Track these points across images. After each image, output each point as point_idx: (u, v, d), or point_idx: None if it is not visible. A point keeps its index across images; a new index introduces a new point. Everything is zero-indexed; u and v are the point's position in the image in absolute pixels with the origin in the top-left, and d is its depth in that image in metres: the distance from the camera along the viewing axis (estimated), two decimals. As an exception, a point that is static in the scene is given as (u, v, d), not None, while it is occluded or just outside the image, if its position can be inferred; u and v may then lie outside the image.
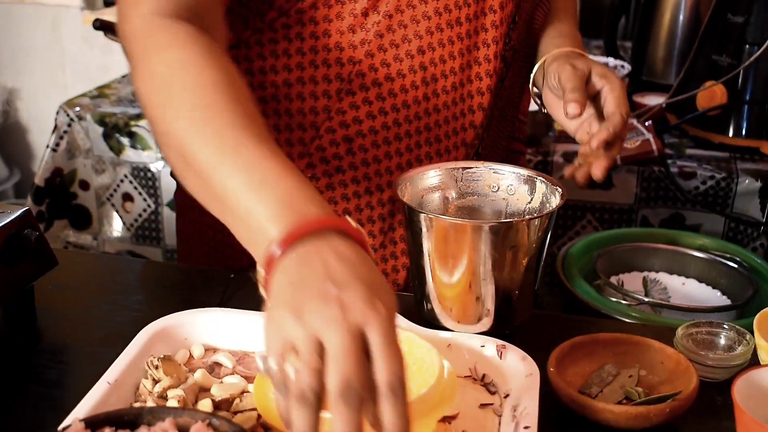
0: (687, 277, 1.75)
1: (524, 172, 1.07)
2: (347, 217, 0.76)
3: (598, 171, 1.13)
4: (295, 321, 0.67)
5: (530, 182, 1.06)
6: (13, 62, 3.31)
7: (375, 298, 0.68)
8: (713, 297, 1.70)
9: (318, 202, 0.75)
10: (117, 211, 2.30)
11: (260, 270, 0.74)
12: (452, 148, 1.24)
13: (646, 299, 1.60)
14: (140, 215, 2.28)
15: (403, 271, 1.26)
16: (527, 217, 1.04)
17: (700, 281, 1.74)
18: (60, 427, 0.75)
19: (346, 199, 1.22)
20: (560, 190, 1.02)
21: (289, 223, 0.72)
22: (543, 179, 1.05)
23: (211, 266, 1.31)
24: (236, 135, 0.80)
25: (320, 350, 0.66)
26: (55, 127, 2.28)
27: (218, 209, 0.80)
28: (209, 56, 0.88)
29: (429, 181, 1.07)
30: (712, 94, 2.02)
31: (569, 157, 2.01)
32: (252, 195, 0.76)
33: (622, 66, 2.43)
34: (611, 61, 2.48)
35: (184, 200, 1.37)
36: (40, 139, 3.41)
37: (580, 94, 1.12)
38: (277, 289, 0.71)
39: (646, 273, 1.77)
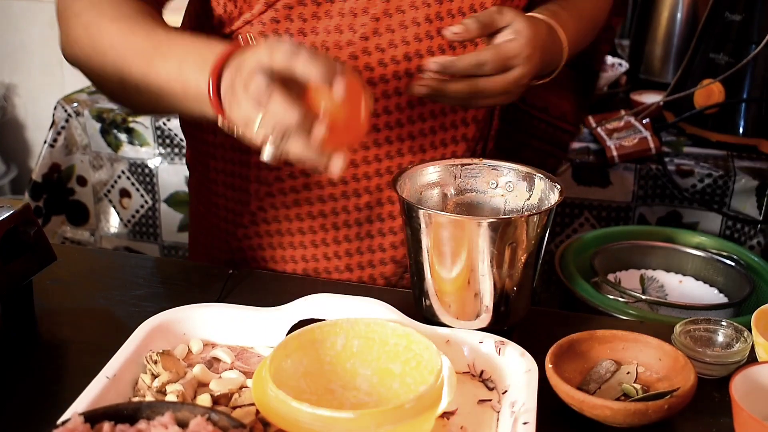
0: (684, 275, 1.76)
1: (523, 168, 1.07)
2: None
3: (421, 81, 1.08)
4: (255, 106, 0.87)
5: (529, 179, 1.06)
6: (11, 58, 3.30)
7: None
8: (710, 295, 1.71)
9: (219, 43, 0.98)
10: (114, 207, 2.30)
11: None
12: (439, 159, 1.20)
13: (644, 297, 1.60)
14: (137, 211, 2.28)
15: (391, 264, 1.26)
16: (526, 213, 1.04)
17: (697, 279, 1.75)
18: (59, 421, 0.75)
19: (322, 201, 1.21)
20: (559, 186, 1.02)
21: (209, 68, 0.94)
22: (542, 176, 1.05)
23: (216, 260, 1.31)
24: (151, 40, 1.04)
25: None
26: (53, 122, 2.28)
27: (164, 101, 1.03)
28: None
29: (428, 178, 1.07)
30: (709, 93, 2.03)
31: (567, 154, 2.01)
32: (181, 73, 0.99)
33: (620, 64, 2.43)
34: (609, 58, 2.48)
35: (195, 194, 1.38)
36: (37, 135, 3.40)
37: (473, 22, 1.07)
38: (226, 100, 0.93)
39: (643, 271, 1.77)
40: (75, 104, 2.26)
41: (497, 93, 1.08)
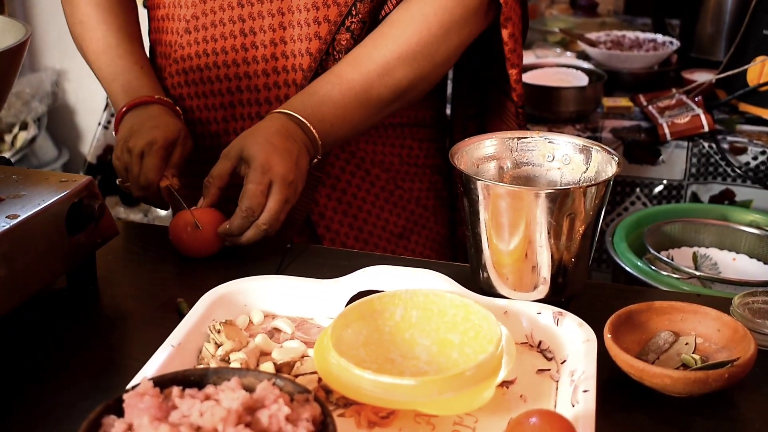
0: (738, 252, 1.75)
1: (579, 141, 1.07)
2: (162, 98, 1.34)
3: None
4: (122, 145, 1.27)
5: (586, 152, 1.06)
6: (60, 44, 3.34)
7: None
8: (764, 272, 1.70)
9: (147, 89, 1.35)
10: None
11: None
12: (273, 100, 1.34)
13: (697, 273, 1.59)
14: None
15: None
16: (584, 184, 1.04)
17: (751, 257, 1.74)
18: (128, 386, 0.76)
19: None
20: (616, 158, 1.02)
21: (125, 100, 1.33)
22: (599, 148, 1.05)
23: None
24: (106, 41, 1.39)
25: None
26: (107, 104, 2.31)
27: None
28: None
29: (484, 151, 1.08)
30: (762, 69, 2.01)
31: (618, 133, 2.00)
32: (111, 85, 1.37)
33: (671, 42, 2.41)
34: (659, 37, 2.46)
35: None
36: (88, 119, 3.44)
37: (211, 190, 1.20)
38: (120, 132, 1.29)
39: (696, 248, 1.76)
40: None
41: (277, 211, 1.15)
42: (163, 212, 2.34)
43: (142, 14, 1.47)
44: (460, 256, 1.53)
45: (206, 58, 1.35)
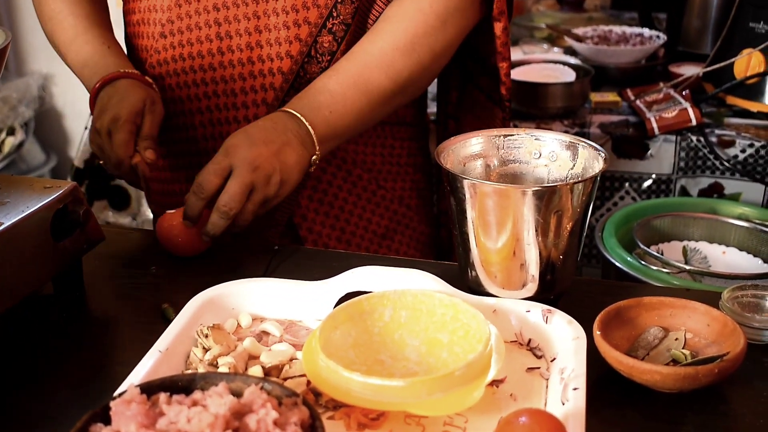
0: (727, 245, 1.75)
1: (566, 138, 1.06)
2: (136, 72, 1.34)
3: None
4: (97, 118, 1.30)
5: (572, 148, 1.06)
6: (47, 48, 3.30)
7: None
8: (754, 265, 1.70)
9: (113, 66, 1.34)
10: (155, 191, 2.32)
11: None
12: (251, 104, 1.33)
13: (687, 267, 1.59)
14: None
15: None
16: (571, 181, 1.04)
17: (741, 249, 1.73)
18: (116, 393, 0.76)
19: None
20: (603, 154, 1.01)
21: (95, 81, 1.32)
22: (585, 144, 1.04)
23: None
24: (75, 29, 1.39)
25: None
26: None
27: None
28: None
29: (470, 149, 1.07)
30: (749, 62, 2.01)
31: (606, 128, 2.00)
32: (82, 72, 1.38)
33: (658, 36, 2.41)
34: (646, 31, 2.46)
35: None
36: (76, 124, 3.43)
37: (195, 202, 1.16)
38: (98, 122, 1.28)
39: (685, 242, 1.76)
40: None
41: (237, 194, 1.14)
42: (151, 215, 2.34)
43: (118, 15, 1.47)
44: (444, 255, 1.53)
45: (182, 63, 1.34)
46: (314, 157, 1.21)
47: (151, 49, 1.37)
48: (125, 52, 1.43)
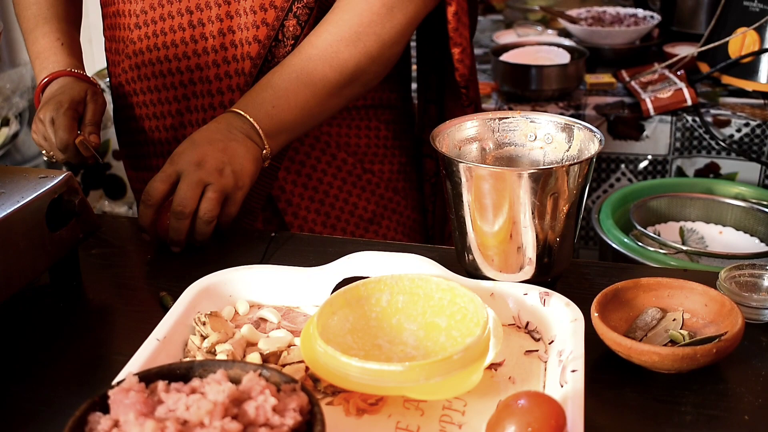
0: (724, 225, 1.75)
1: (561, 120, 1.06)
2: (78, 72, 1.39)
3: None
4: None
5: (568, 130, 1.05)
6: (40, 38, 3.31)
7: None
8: (751, 244, 1.70)
9: (62, 65, 1.39)
10: (151, 180, 2.31)
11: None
12: (225, 90, 1.33)
13: (684, 248, 1.59)
14: (174, 183, 2.29)
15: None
16: (566, 163, 1.04)
17: (738, 229, 1.74)
18: (114, 382, 0.76)
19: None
20: (598, 136, 1.01)
21: (45, 74, 1.38)
22: (581, 126, 1.04)
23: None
24: (35, 19, 1.43)
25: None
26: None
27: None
28: None
29: (466, 133, 1.07)
30: (744, 41, 2.00)
31: (602, 109, 2.00)
32: (34, 63, 1.43)
33: (652, 17, 2.41)
34: (640, 12, 2.46)
35: None
36: (70, 113, 3.42)
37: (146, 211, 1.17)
38: (41, 111, 1.32)
39: (682, 223, 1.77)
40: (107, 79, 2.26)
41: (188, 192, 1.14)
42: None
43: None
44: (431, 241, 1.53)
45: (157, 52, 1.35)
46: (265, 152, 1.21)
47: (127, 40, 1.38)
48: (80, 46, 1.48)
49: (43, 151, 1.36)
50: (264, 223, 1.38)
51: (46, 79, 1.37)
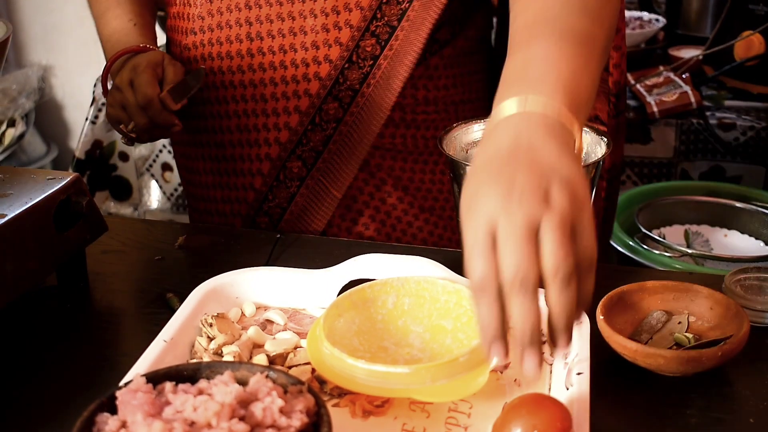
0: (729, 228, 1.75)
1: (567, 123, 1.06)
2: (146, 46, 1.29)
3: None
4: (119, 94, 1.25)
5: (574, 133, 1.05)
6: (46, 39, 3.33)
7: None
8: (756, 247, 1.70)
9: (135, 42, 1.30)
10: (157, 181, 2.32)
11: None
12: (281, 112, 1.25)
13: (689, 251, 1.59)
14: (180, 184, 2.30)
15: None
16: (572, 167, 1.04)
17: (743, 232, 1.74)
18: (121, 383, 0.76)
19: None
20: (606, 139, 1.01)
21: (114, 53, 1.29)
22: (588, 129, 1.04)
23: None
24: (110, 9, 1.35)
25: None
26: (93, 99, 2.30)
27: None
28: None
29: (473, 136, 1.07)
30: (749, 44, 2.01)
31: (606, 112, 2.00)
32: (105, 46, 1.34)
33: (657, 20, 2.41)
34: (645, 15, 2.46)
35: None
36: (76, 114, 3.43)
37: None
38: (117, 79, 1.26)
39: (687, 226, 1.77)
40: (114, 80, 2.27)
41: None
42: (153, 206, 2.33)
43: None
44: None
45: (211, 62, 1.27)
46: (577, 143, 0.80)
47: (182, 45, 1.32)
48: (154, 29, 1.39)
49: (121, 126, 1.25)
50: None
51: (115, 56, 1.28)
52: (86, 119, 2.30)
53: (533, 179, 0.71)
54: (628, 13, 2.49)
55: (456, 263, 1.04)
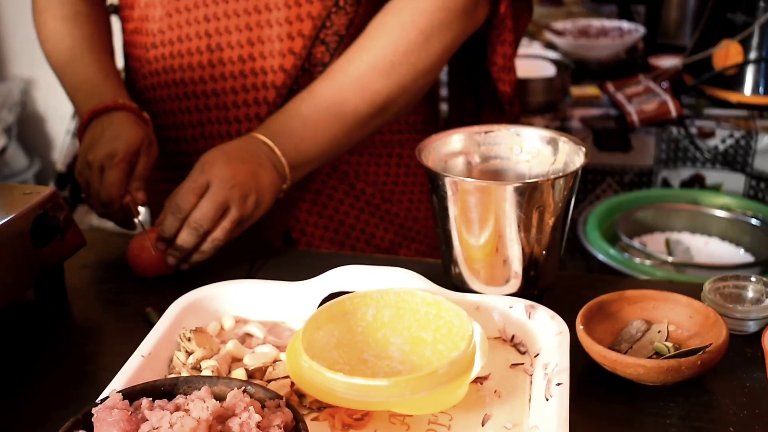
0: (710, 236, 1.76)
1: (547, 133, 1.07)
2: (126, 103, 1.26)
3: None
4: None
5: (553, 143, 1.06)
6: (27, 52, 3.31)
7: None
8: (737, 255, 1.71)
9: (110, 95, 1.26)
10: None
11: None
12: (243, 119, 1.28)
13: (670, 259, 1.60)
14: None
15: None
16: (552, 176, 1.04)
17: (723, 240, 1.75)
18: (98, 399, 0.76)
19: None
20: (583, 149, 1.02)
21: (88, 108, 1.25)
22: (566, 139, 1.04)
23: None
24: (71, 53, 1.33)
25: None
26: (74, 112, 2.29)
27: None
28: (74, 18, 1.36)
29: (452, 146, 1.07)
30: (727, 53, 2.01)
31: (587, 121, 2.01)
32: (75, 96, 1.31)
33: (636, 29, 2.42)
34: (625, 24, 2.47)
35: None
36: (58, 127, 3.42)
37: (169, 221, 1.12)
38: (82, 144, 1.24)
39: (668, 234, 1.77)
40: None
41: (211, 211, 1.10)
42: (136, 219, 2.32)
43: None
44: None
45: (173, 74, 1.30)
46: (285, 185, 1.18)
47: (143, 60, 1.34)
48: (122, 76, 1.39)
49: (83, 194, 1.23)
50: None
51: (91, 111, 1.24)
52: (67, 132, 2.29)
53: (248, 182, 1.11)
54: (607, 23, 2.50)
55: (437, 274, 1.04)
